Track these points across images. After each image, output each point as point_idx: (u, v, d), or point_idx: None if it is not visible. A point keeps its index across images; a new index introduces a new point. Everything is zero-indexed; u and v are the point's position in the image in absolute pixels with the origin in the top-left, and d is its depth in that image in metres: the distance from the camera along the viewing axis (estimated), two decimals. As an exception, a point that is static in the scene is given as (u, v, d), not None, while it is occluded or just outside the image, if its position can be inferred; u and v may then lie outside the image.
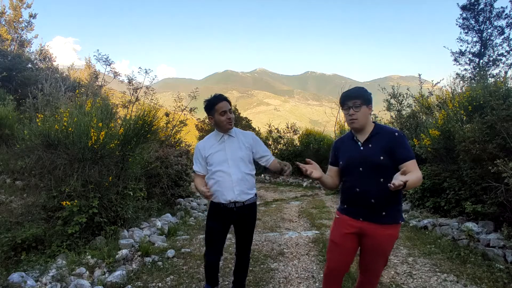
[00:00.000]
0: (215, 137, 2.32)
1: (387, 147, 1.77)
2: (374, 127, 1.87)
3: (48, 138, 3.94)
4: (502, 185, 3.42)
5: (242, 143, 2.31)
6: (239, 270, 2.51)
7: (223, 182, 2.22)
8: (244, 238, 2.41)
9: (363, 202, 1.81)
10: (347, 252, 1.89)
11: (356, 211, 1.85)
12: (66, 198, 3.67)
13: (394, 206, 1.81)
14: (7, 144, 5.35)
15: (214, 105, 2.22)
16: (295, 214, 5.84)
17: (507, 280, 2.80)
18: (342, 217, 1.92)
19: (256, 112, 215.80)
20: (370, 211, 1.80)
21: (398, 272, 3.14)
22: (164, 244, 3.90)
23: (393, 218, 1.80)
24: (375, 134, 1.84)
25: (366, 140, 1.84)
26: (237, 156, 2.25)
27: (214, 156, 2.26)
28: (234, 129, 2.35)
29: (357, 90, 1.86)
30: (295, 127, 13.24)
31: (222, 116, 2.21)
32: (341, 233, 1.90)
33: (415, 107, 7.43)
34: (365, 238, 1.84)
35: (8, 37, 11.31)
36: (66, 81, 8.37)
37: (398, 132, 1.83)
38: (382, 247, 1.83)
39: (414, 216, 4.86)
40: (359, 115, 1.81)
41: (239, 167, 2.24)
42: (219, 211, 2.27)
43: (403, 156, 1.74)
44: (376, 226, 1.79)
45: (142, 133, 4.54)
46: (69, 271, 2.95)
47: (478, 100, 4.63)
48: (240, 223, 2.35)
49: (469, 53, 9.93)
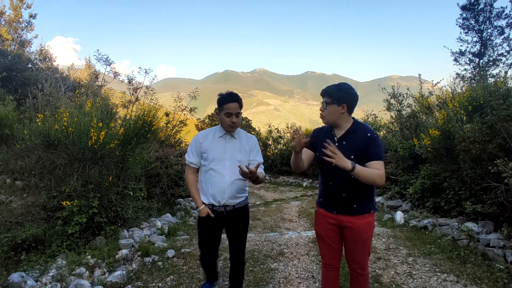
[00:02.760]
0: (217, 132, 2.22)
1: (359, 147, 1.81)
2: (352, 124, 1.89)
3: (48, 138, 3.94)
4: (502, 185, 3.42)
5: (243, 146, 2.23)
6: (234, 275, 2.44)
7: (215, 183, 2.14)
8: (236, 241, 2.34)
9: (335, 195, 1.90)
10: (333, 242, 1.99)
11: (330, 204, 1.95)
12: (66, 198, 3.67)
13: (365, 198, 1.89)
14: (7, 144, 5.35)
15: (223, 103, 2.12)
16: (295, 214, 5.84)
17: (507, 280, 2.80)
18: (320, 210, 2.03)
19: (256, 112, 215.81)
20: (342, 204, 1.89)
21: (398, 272, 3.14)
22: (164, 244, 3.90)
23: (364, 209, 1.88)
24: (351, 132, 1.87)
25: (342, 137, 1.89)
26: (235, 158, 2.17)
27: (212, 152, 2.16)
28: (239, 129, 2.27)
29: (331, 88, 1.88)
30: (295, 127, 13.24)
31: (227, 118, 2.11)
32: (322, 225, 2.01)
33: (415, 107, 7.42)
34: (344, 229, 1.92)
35: (8, 37, 11.32)
36: (66, 81, 8.38)
37: (371, 132, 1.85)
38: (361, 235, 1.90)
39: (414, 216, 4.86)
40: (325, 112, 1.87)
41: (235, 170, 2.13)
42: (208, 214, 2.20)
43: (371, 155, 1.78)
44: (351, 217, 1.88)
45: (142, 133, 4.53)
46: (69, 271, 2.94)
47: (478, 100, 4.63)
48: (232, 227, 2.28)
49: (469, 53, 9.94)
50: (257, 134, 14.12)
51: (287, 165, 11.69)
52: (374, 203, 1.95)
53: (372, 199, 1.93)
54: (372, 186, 1.91)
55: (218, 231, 2.30)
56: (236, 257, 2.37)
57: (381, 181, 1.76)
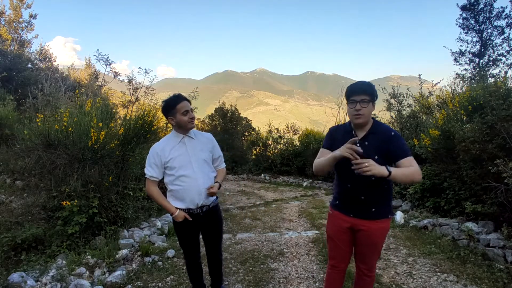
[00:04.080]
0: (174, 139, 2.18)
1: (382, 147, 1.76)
2: (372, 124, 1.84)
3: (48, 138, 3.94)
4: (502, 185, 3.42)
5: (204, 144, 2.24)
6: (214, 272, 2.48)
7: (190, 188, 2.13)
8: (213, 240, 2.37)
9: (353, 198, 1.84)
10: (343, 245, 1.96)
11: (347, 207, 1.90)
12: (66, 198, 3.67)
13: (384, 203, 1.84)
14: (7, 144, 5.35)
15: (175, 105, 2.10)
16: (295, 214, 5.84)
17: (507, 280, 2.80)
18: (335, 213, 1.97)
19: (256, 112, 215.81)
20: (360, 207, 1.83)
21: (398, 272, 3.14)
22: (164, 244, 3.90)
23: (382, 213, 1.83)
24: (373, 132, 1.81)
25: (364, 137, 1.82)
26: (200, 158, 2.17)
27: (177, 160, 2.13)
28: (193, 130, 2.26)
29: (367, 85, 1.79)
30: (295, 127, 13.24)
31: (185, 116, 2.09)
32: (335, 228, 1.96)
33: (415, 107, 7.43)
34: (358, 232, 1.88)
35: (8, 37, 11.32)
36: (66, 81, 8.38)
37: (394, 132, 1.82)
38: (374, 240, 1.87)
39: (414, 216, 4.86)
40: (366, 111, 1.75)
41: (204, 169, 2.16)
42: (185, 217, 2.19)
43: (400, 152, 1.73)
44: (367, 221, 1.83)
45: (142, 133, 4.53)
46: (69, 271, 2.95)
47: (478, 100, 4.63)
48: (208, 227, 2.31)
49: (469, 53, 9.94)
50: (257, 134, 14.12)
51: (287, 165, 11.69)
52: (391, 207, 1.90)
53: (390, 203, 1.89)
54: (391, 190, 1.86)
55: (195, 232, 2.31)
56: (213, 255, 2.41)
57: (419, 176, 1.68)
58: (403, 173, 1.65)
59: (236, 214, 5.93)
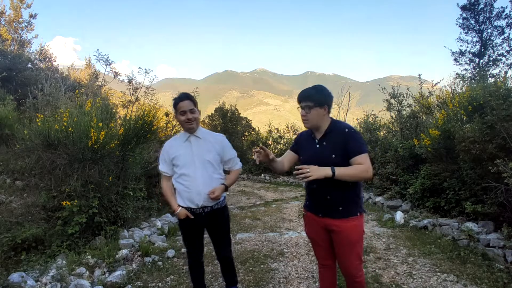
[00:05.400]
0: (182, 137, 2.24)
1: (339, 144, 1.80)
2: (329, 124, 1.88)
3: (48, 138, 3.94)
4: (502, 185, 3.42)
5: (211, 144, 2.22)
6: (226, 271, 2.48)
7: (189, 187, 2.15)
8: (219, 240, 2.36)
9: (320, 198, 1.88)
10: (323, 242, 1.99)
11: (316, 207, 1.94)
12: (66, 198, 3.67)
13: (351, 200, 1.85)
14: (7, 144, 5.34)
15: (175, 105, 2.16)
16: (295, 214, 5.84)
17: (507, 280, 2.80)
18: (307, 214, 2.03)
19: (256, 112, 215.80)
20: (327, 207, 1.86)
21: (398, 272, 3.14)
22: (164, 244, 3.90)
23: (350, 212, 1.84)
24: (330, 132, 1.86)
25: (322, 138, 1.88)
26: (204, 158, 2.17)
27: (181, 158, 2.18)
28: (203, 130, 2.27)
29: (309, 91, 1.86)
30: (295, 127, 13.24)
31: (182, 116, 2.13)
32: (312, 228, 2.01)
33: (415, 107, 7.42)
34: (332, 233, 1.90)
35: (8, 37, 11.32)
36: (66, 81, 8.38)
37: (349, 128, 1.84)
38: (348, 239, 1.85)
39: (414, 216, 4.86)
40: (310, 116, 1.83)
41: (207, 170, 2.16)
42: (188, 216, 2.20)
43: (352, 151, 1.76)
44: (337, 221, 1.84)
45: (142, 133, 4.53)
46: (69, 271, 2.95)
47: (478, 100, 4.63)
48: (212, 227, 2.30)
49: (469, 53, 9.94)
50: (257, 134, 14.12)
51: (287, 165, 11.70)
52: (360, 205, 1.89)
53: (358, 200, 1.88)
54: (358, 188, 1.87)
55: (199, 231, 2.32)
56: (222, 255, 2.41)
57: (367, 175, 1.73)
58: (348, 173, 1.70)
59: (236, 214, 5.94)
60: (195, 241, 2.33)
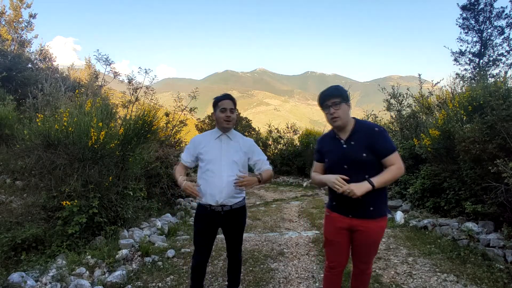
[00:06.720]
0: (214, 134, 2.29)
1: (369, 143, 1.80)
2: (355, 123, 1.88)
3: (48, 138, 3.94)
4: (502, 185, 3.42)
5: (240, 145, 2.27)
6: (232, 270, 2.50)
7: (212, 183, 2.17)
8: (233, 240, 2.38)
9: (351, 199, 1.83)
10: (342, 247, 1.96)
11: (345, 208, 1.90)
12: (66, 198, 3.67)
13: (381, 200, 1.87)
14: (7, 144, 5.34)
15: (217, 101, 2.24)
16: (295, 214, 5.84)
17: (507, 280, 2.80)
18: (332, 214, 1.97)
19: (256, 112, 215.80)
20: (358, 207, 1.84)
21: (398, 272, 3.14)
22: (164, 244, 3.90)
23: (380, 211, 1.86)
24: (357, 131, 1.85)
25: (348, 138, 1.86)
26: (231, 159, 2.21)
27: (208, 153, 2.22)
28: (235, 132, 2.32)
29: (335, 88, 1.87)
30: (295, 127, 13.25)
31: (222, 113, 2.19)
32: (333, 229, 1.96)
33: (415, 107, 7.43)
34: (357, 233, 1.89)
35: (8, 37, 11.31)
36: (66, 81, 8.37)
37: (378, 127, 1.85)
38: (373, 240, 1.90)
39: (414, 216, 4.86)
40: (340, 113, 1.81)
41: (233, 169, 2.19)
42: (206, 213, 2.23)
43: (384, 150, 1.79)
44: (366, 221, 1.85)
45: (142, 133, 4.54)
46: (69, 271, 2.94)
47: (478, 100, 4.63)
48: (228, 227, 2.31)
49: (469, 53, 9.94)
50: (257, 134, 14.11)
51: (287, 165, 11.70)
52: (387, 205, 1.93)
53: (386, 200, 1.92)
54: (386, 187, 1.89)
55: (213, 230, 2.32)
56: (233, 254, 2.43)
57: (401, 172, 1.79)
58: (385, 180, 1.76)
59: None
60: (207, 239, 2.32)
